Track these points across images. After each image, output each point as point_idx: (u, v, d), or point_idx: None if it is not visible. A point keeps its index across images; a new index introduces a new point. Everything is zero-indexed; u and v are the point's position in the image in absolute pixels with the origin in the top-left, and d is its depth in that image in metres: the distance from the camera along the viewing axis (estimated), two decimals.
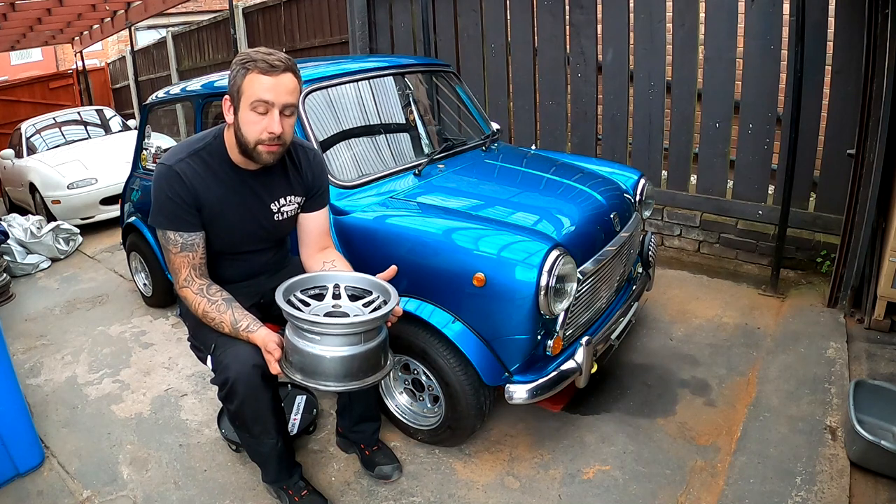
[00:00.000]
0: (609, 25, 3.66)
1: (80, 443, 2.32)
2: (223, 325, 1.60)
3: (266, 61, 1.48)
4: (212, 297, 1.62)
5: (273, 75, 1.48)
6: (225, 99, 1.57)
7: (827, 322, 2.72)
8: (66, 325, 3.52)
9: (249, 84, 1.49)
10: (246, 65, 1.49)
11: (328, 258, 1.78)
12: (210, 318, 1.61)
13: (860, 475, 1.82)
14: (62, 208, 5.43)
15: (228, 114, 1.57)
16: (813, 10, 2.85)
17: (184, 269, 1.62)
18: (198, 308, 1.62)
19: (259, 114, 1.50)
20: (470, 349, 1.81)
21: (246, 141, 1.54)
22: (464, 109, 2.95)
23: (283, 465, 1.82)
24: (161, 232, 1.62)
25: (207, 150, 1.61)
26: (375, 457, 2.02)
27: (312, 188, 1.76)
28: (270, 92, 1.48)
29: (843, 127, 2.99)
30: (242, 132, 1.54)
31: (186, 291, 1.64)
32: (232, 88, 1.53)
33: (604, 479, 1.91)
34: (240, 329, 1.58)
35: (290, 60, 1.53)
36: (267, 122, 1.51)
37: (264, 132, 1.52)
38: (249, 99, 1.49)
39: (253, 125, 1.52)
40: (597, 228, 2.11)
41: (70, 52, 12.52)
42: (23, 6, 7.00)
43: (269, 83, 1.48)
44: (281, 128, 1.52)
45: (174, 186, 1.56)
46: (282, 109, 1.51)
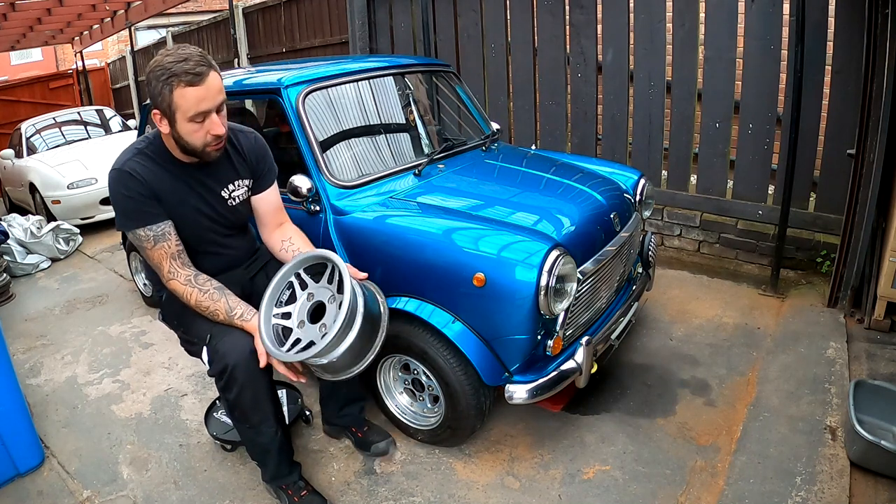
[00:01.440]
0: (609, 25, 3.66)
1: (80, 443, 2.32)
2: (217, 314, 1.62)
3: (188, 72, 1.46)
4: (202, 287, 1.64)
5: (200, 84, 1.48)
6: (154, 113, 1.55)
7: (827, 322, 2.72)
8: (66, 325, 3.52)
9: (181, 98, 1.48)
10: (169, 80, 1.47)
11: (285, 236, 1.84)
12: (204, 308, 1.63)
13: (860, 475, 1.82)
14: (62, 208, 5.43)
15: (162, 125, 1.56)
16: (813, 10, 2.85)
17: (164, 261, 1.64)
18: (189, 298, 1.63)
19: (198, 122, 1.52)
20: (470, 349, 1.81)
21: (192, 147, 1.57)
22: (464, 109, 2.95)
23: (283, 458, 1.83)
24: (131, 234, 1.63)
25: (151, 149, 1.64)
26: (368, 436, 2.08)
27: (257, 170, 1.80)
28: (205, 102, 1.50)
29: (843, 127, 2.99)
30: (186, 141, 1.56)
31: (174, 284, 1.64)
32: (160, 104, 1.51)
33: (604, 479, 1.91)
34: (234, 317, 1.61)
35: (204, 56, 1.51)
36: (209, 126, 1.53)
37: (208, 135, 1.55)
38: (186, 114, 1.50)
39: (196, 133, 1.54)
40: (597, 228, 2.11)
41: (70, 52, 12.52)
42: (23, 6, 7.00)
43: (201, 93, 1.49)
44: (223, 127, 1.56)
45: (129, 184, 1.58)
46: (217, 109, 1.54)
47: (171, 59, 1.48)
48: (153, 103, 1.54)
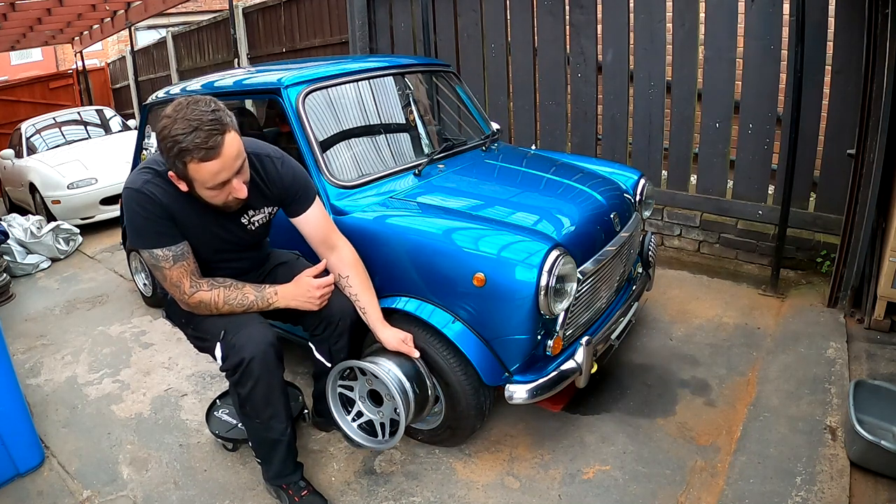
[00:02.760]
0: (609, 25, 3.66)
1: (80, 443, 2.32)
2: (248, 296, 1.65)
3: (200, 147, 1.38)
4: (224, 283, 1.66)
5: (216, 157, 1.41)
6: (171, 174, 1.50)
7: (827, 322, 2.72)
8: (66, 325, 3.52)
9: (197, 173, 1.44)
10: (182, 156, 1.40)
11: (343, 270, 1.82)
12: (234, 301, 1.65)
13: (860, 475, 1.82)
14: (62, 208, 5.43)
15: (180, 185, 1.52)
16: (813, 10, 2.85)
17: (185, 278, 1.63)
18: (219, 299, 1.65)
19: (218, 189, 1.50)
20: (470, 349, 1.81)
21: (213, 205, 1.57)
22: (464, 109, 2.95)
23: (289, 456, 1.83)
24: (147, 252, 1.61)
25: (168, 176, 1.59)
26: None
27: (286, 196, 1.75)
28: (223, 173, 1.45)
29: (843, 127, 2.99)
30: (207, 200, 1.54)
31: (200, 295, 1.65)
32: (176, 171, 1.46)
33: (604, 479, 1.91)
34: (265, 292, 1.66)
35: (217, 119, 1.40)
36: (230, 191, 1.51)
37: (230, 197, 1.53)
38: (204, 185, 1.47)
39: (217, 197, 1.53)
40: (597, 228, 2.11)
41: (70, 52, 12.52)
42: (23, 6, 7.01)
43: (217, 166, 1.43)
44: (245, 189, 1.53)
45: (147, 207, 1.55)
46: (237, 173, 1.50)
47: (180, 129, 1.38)
48: (169, 167, 1.49)
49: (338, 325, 1.83)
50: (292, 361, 2.70)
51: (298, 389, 2.37)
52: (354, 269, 1.82)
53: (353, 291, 1.82)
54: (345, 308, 1.83)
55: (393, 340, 1.80)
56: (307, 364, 2.69)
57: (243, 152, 1.51)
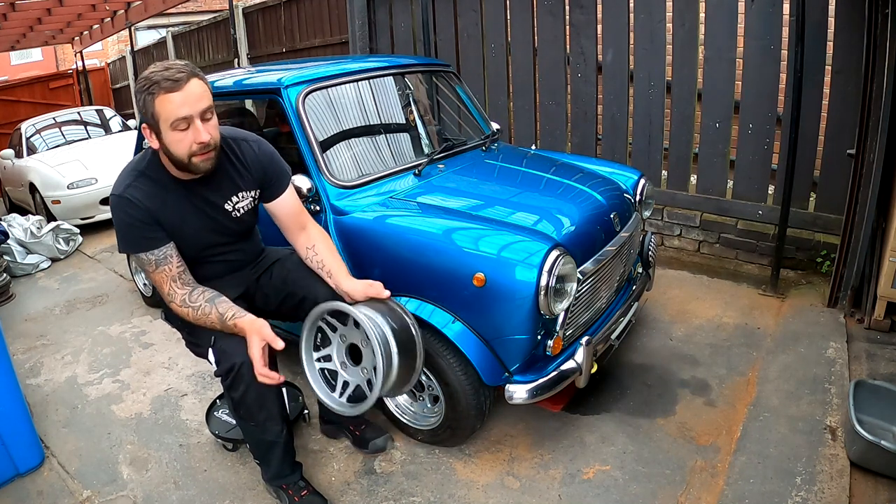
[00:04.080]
0: (609, 25, 3.66)
1: (80, 443, 2.32)
2: (214, 324, 1.63)
3: (167, 78, 1.47)
4: (195, 304, 1.65)
5: (179, 89, 1.48)
6: (143, 127, 1.57)
7: (827, 322, 2.72)
8: (66, 325, 3.52)
9: (161, 106, 1.49)
10: (150, 89, 1.49)
11: (309, 242, 1.82)
12: (202, 322, 1.65)
13: (860, 475, 1.82)
14: (62, 208, 5.43)
15: (152, 140, 1.57)
16: (813, 10, 2.85)
17: (164, 283, 1.65)
18: (188, 317, 1.66)
19: (182, 130, 1.52)
20: (470, 349, 1.81)
21: (178, 158, 1.56)
22: (464, 109, 2.95)
23: (286, 456, 1.83)
24: (134, 256, 1.66)
25: (151, 168, 1.64)
26: (365, 434, 2.09)
27: (265, 178, 1.76)
28: (184, 107, 1.49)
29: (843, 127, 2.99)
30: (172, 151, 1.55)
31: (173, 306, 1.68)
32: (146, 116, 1.53)
33: (604, 479, 1.91)
34: (226, 320, 1.61)
35: (188, 66, 1.53)
36: (192, 135, 1.53)
37: (193, 144, 1.54)
38: (168, 121, 1.50)
39: (180, 143, 1.53)
40: (597, 228, 2.11)
41: (70, 52, 12.52)
42: (23, 6, 7.01)
43: (180, 99, 1.49)
44: (208, 134, 1.54)
45: (129, 211, 1.59)
46: (200, 117, 1.52)
47: (154, 69, 1.50)
48: (142, 118, 1.55)
49: None
50: (292, 362, 2.70)
51: (299, 389, 2.37)
52: (320, 238, 1.83)
53: (319, 258, 1.79)
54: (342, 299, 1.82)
55: (360, 286, 1.71)
56: None
57: (209, 100, 1.55)
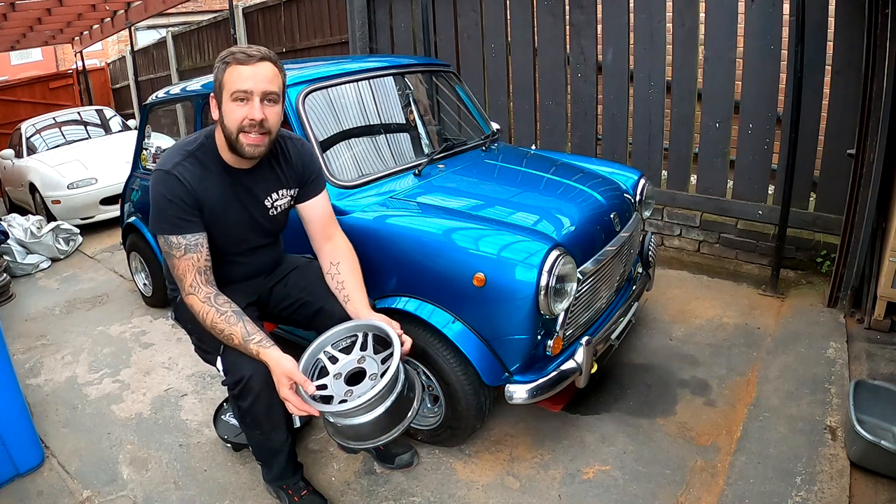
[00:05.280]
0: (609, 25, 3.66)
1: (80, 443, 2.32)
2: (232, 338, 1.57)
3: (244, 52, 1.52)
4: (220, 308, 1.58)
5: (250, 64, 1.51)
6: (210, 97, 1.60)
7: (827, 322, 2.72)
8: (66, 325, 3.52)
9: (229, 76, 1.52)
10: (225, 59, 1.53)
11: (334, 258, 1.78)
12: (219, 330, 1.58)
13: (860, 475, 1.82)
14: (62, 208, 5.43)
15: (214, 111, 1.59)
16: (813, 10, 2.85)
17: (189, 273, 1.59)
18: (206, 317, 1.58)
19: (240, 102, 1.53)
20: (470, 349, 1.81)
21: (229, 132, 1.55)
22: (464, 109, 2.95)
23: (289, 461, 1.83)
24: (163, 238, 1.60)
25: (201, 151, 1.62)
26: (390, 449, 2.03)
27: (304, 177, 1.77)
28: (249, 80, 1.51)
29: (843, 127, 2.99)
30: (225, 123, 1.56)
31: (193, 299, 1.60)
32: (215, 85, 1.56)
33: (604, 479, 1.91)
34: (251, 342, 1.55)
35: (270, 52, 1.56)
36: (248, 110, 1.52)
37: (245, 119, 1.53)
38: (230, 90, 1.52)
39: (233, 114, 1.53)
40: (597, 228, 2.11)
41: (70, 52, 12.51)
42: (23, 6, 7.00)
43: (248, 72, 1.51)
44: (262, 114, 1.53)
45: (174, 189, 1.56)
46: (262, 97, 1.53)
47: (238, 47, 1.55)
48: (212, 88, 1.58)
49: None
50: None
51: None
52: (346, 257, 1.80)
53: (341, 279, 1.77)
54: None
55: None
56: None
57: (279, 89, 1.57)
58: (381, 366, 1.57)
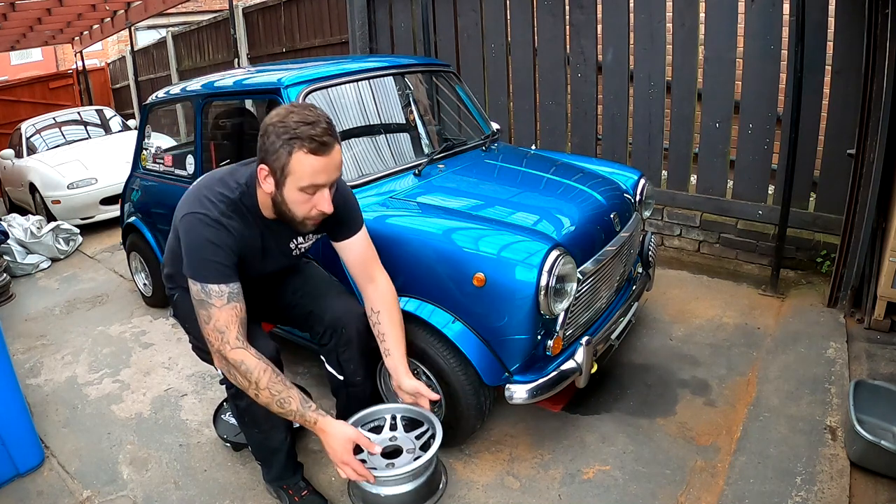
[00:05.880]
0: (609, 25, 3.66)
1: (80, 443, 2.32)
2: (291, 402, 1.48)
3: (314, 138, 1.36)
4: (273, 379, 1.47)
5: (324, 154, 1.38)
6: (261, 168, 1.45)
7: (827, 322, 2.72)
8: (66, 325, 3.52)
9: (298, 165, 1.38)
10: (291, 142, 1.37)
11: (375, 305, 1.73)
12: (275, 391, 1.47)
13: (860, 475, 1.82)
14: (62, 208, 5.43)
15: (266, 183, 1.47)
16: (813, 10, 2.85)
17: (233, 324, 1.48)
18: (262, 376, 1.46)
19: (308, 194, 1.44)
20: (470, 349, 1.81)
21: (292, 216, 1.49)
22: (464, 109, 2.95)
23: (289, 461, 1.83)
24: (202, 286, 1.48)
25: (245, 199, 1.55)
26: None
27: (336, 217, 1.65)
28: (323, 175, 1.41)
29: (843, 127, 2.99)
30: (289, 209, 1.47)
31: (242, 354, 1.47)
32: (273, 162, 1.41)
33: (604, 479, 1.91)
34: (309, 409, 1.49)
35: (331, 125, 1.41)
36: (317, 201, 1.45)
37: (314, 210, 1.47)
38: (299, 182, 1.41)
39: (302, 205, 1.46)
40: (597, 228, 2.11)
41: (70, 52, 12.51)
42: (23, 6, 7.00)
43: (321, 165, 1.39)
44: (332, 207, 1.46)
45: (222, 237, 1.48)
46: (331, 185, 1.46)
47: (296, 118, 1.38)
48: (262, 159, 1.43)
49: (342, 332, 1.79)
50: (292, 361, 2.70)
51: (307, 392, 2.36)
52: (389, 307, 1.73)
53: (382, 330, 1.72)
54: (350, 315, 1.80)
55: (411, 390, 1.69)
56: (307, 364, 2.70)
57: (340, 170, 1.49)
58: (417, 441, 1.69)
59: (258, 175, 1.48)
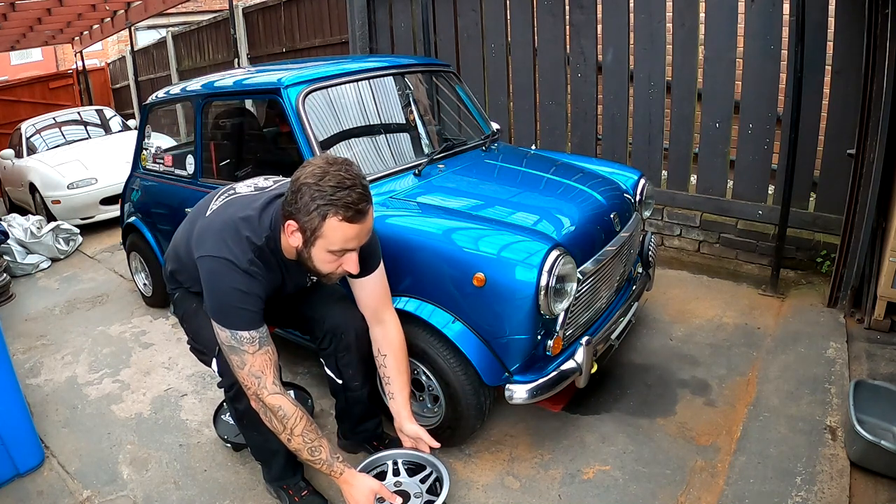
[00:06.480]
0: (609, 25, 3.66)
1: (80, 443, 2.32)
2: (321, 450, 1.52)
3: (350, 206, 1.33)
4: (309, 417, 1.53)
5: (359, 222, 1.37)
6: (289, 224, 1.43)
7: (827, 322, 2.72)
8: (66, 325, 3.52)
9: (331, 231, 1.37)
10: (326, 209, 1.34)
11: (382, 347, 1.75)
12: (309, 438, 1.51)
13: (860, 475, 1.82)
14: (62, 208, 5.43)
15: (292, 238, 1.45)
16: (813, 10, 2.85)
17: (268, 369, 1.49)
18: (298, 423, 1.49)
19: (337, 256, 1.43)
20: (470, 349, 1.81)
21: (317, 271, 1.49)
22: (464, 109, 2.95)
23: (288, 461, 1.83)
24: (230, 332, 1.47)
25: (269, 243, 1.55)
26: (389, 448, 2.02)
27: None
28: (354, 241, 1.40)
29: (843, 127, 2.99)
30: (314, 265, 1.47)
31: (280, 400, 1.49)
32: (304, 222, 1.39)
33: (604, 479, 1.91)
34: (336, 460, 1.54)
35: (367, 188, 1.38)
36: (345, 262, 1.45)
37: (339, 268, 1.47)
38: (330, 246, 1.41)
39: (328, 264, 1.46)
40: (597, 228, 2.11)
41: (70, 52, 12.51)
42: (23, 6, 7.01)
43: (355, 232, 1.38)
44: (358, 267, 1.46)
45: (251, 285, 1.48)
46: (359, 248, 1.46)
47: (332, 182, 1.35)
48: (291, 213, 1.40)
49: (342, 338, 1.80)
50: (292, 361, 2.70)
51: (307, 393, 2.36)
52: (395, 351, 1.75)
53: (387, 373, 1.75)
54: (349, 321, 1.80)
55: (412, 434, 1.75)
56: (307, 364, 2.70)
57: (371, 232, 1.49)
58: (423, 484, 1.74)
59: (285, 228, 1.46)
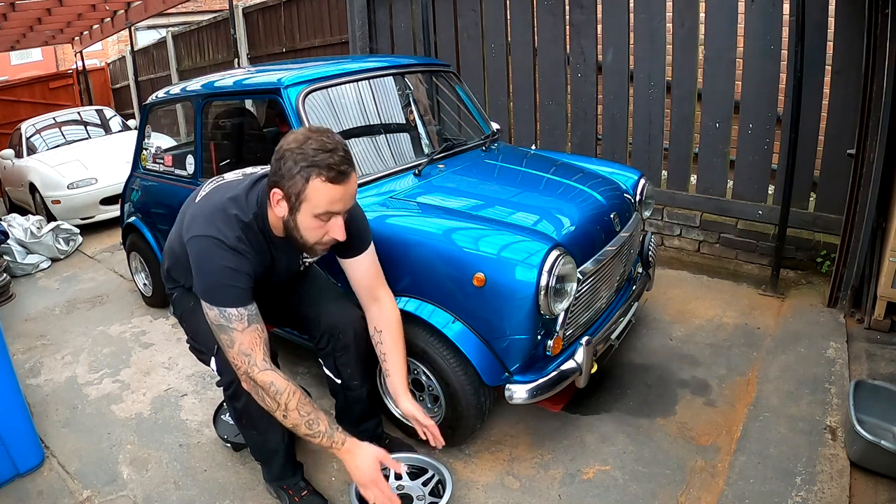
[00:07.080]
0: (609, 25, 3.66)
1: (80, 443, 2.32)
2: (319, 423, 1.50)
3: (332, 167, 1.35)
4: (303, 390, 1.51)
5: (341, 183, 1.38)
6: (274, 192, 1.44)
7: (827, 322, 2.72)
8: (66, 325, 3.52)
9: (315, 193, 1.38)
10: (309, 169, 1.36)
11: (378, 324, 1.75)
12: (304, 412, 1.49)
13: (860, 475, 1.82)
14: (62, 208, 5.43)
15: (278, 207, 1.46)
16: (813, 10, 2.85)
17: (258, 346, 1.48)
18: (291, 398, 1.48)
19: (322, 221, 1.43)
20: (470, 349, 1.81)
21: (303, 241, 1.49)
22: (464, 109, 2.95)
23: (288, 461, 1.83)
24: (218, 310, 1.47)
25: (257, 221, 1.55)
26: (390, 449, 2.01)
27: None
28: (339, 203, 1.41)
29: (843, 127, 2.99)
30: (301, 234, 1.47)
31: (271, 376, 1.48)
32: (289, 188, 1.40)
33: (604, 479, 1.91)
34: (337, 430, 1.52)
35: (349, 152, 1.40)
36: (330, 228, 1.45)
37: (326, 236, 1.47)
38: (314, 209, 1.41)
39: (314, 231, 1.46)
40: (597, 228, 2.11)
41: (70, 52, 12.52)
42: (23, 6, 7.01)
43: (338, 193, 1.39)
44: (344, 234, 1.46)
45: (240, 262, 1.48)
46: (344, 213, 1.46)
47: (314, 145, 1.37)
48: (276, 182, 1.42)
49: (340, 337, 1.80)
50: (292, 361, 2.70)
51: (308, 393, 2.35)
52: (391, 327, 1.75)
53: (384, 350, 1.75)
54: (348, 320, 1.80)
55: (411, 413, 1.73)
56: (307, 364, 2.70)
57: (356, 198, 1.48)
58: (425, 487, 1.76)
59: (270, 198, 1.47)
